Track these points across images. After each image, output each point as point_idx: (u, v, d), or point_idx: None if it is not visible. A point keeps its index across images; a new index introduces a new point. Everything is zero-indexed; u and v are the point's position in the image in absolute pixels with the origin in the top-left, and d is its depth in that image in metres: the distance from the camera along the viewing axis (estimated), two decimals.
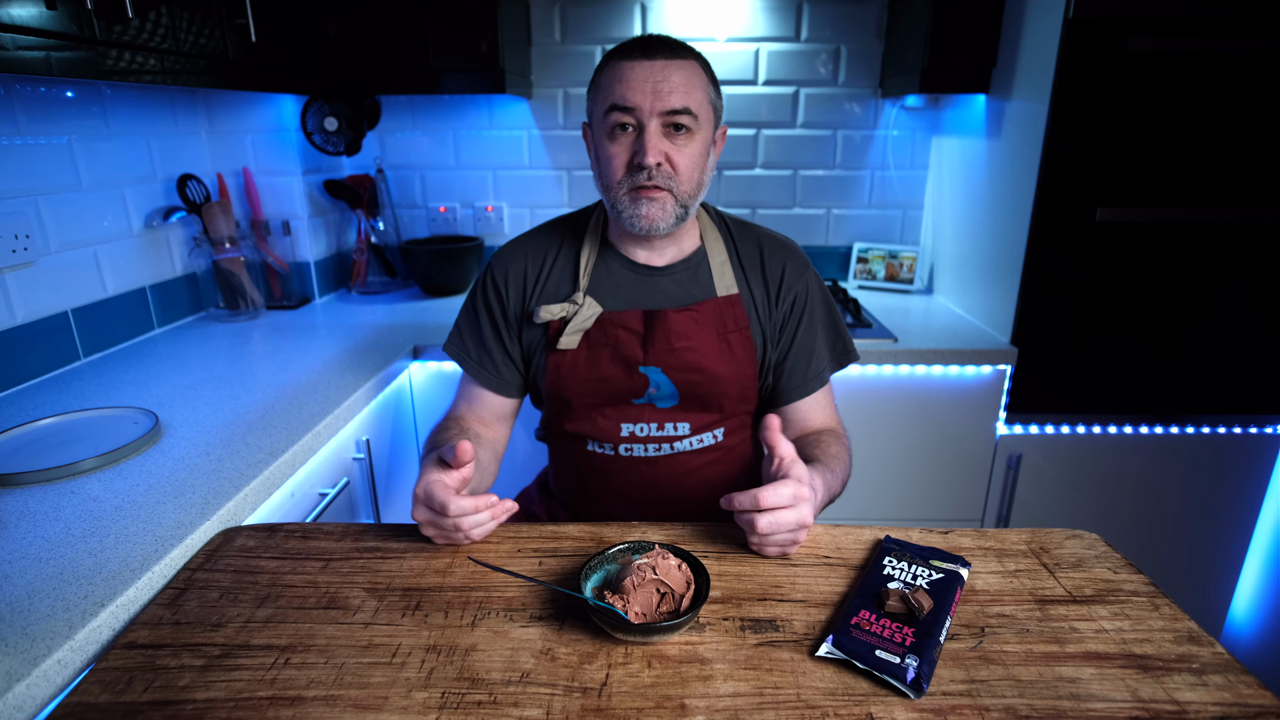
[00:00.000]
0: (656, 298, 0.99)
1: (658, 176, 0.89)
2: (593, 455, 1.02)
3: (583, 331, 0.97)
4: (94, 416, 1.09)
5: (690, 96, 0.88)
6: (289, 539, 0.81)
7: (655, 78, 0.87)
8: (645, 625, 0.64)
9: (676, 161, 0.90)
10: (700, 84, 0.90)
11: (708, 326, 0.97)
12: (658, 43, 0.89)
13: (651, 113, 0.88)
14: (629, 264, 1.00)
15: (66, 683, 0.62)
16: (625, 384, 0.97)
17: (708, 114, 0.92)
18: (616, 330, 0.97)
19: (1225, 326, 1.54)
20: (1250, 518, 1.71)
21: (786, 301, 1.01)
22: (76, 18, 1.00)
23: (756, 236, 1.03)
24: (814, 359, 1.02)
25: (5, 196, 1.21)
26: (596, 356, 0.97)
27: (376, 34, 1.64)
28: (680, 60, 0.89)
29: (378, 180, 1.99)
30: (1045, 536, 0.83)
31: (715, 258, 1.01)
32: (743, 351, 0.99)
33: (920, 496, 1.70)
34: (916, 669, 0.59)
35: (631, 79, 0.88)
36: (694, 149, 0.91)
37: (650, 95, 0.87)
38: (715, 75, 0.95)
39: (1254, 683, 0.61)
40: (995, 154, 1.66)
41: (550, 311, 0.97)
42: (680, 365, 0.96)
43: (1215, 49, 1.35)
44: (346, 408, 1.18)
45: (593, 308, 0.97)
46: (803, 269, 1.02)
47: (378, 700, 0.58)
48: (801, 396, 1.02)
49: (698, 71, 0.91)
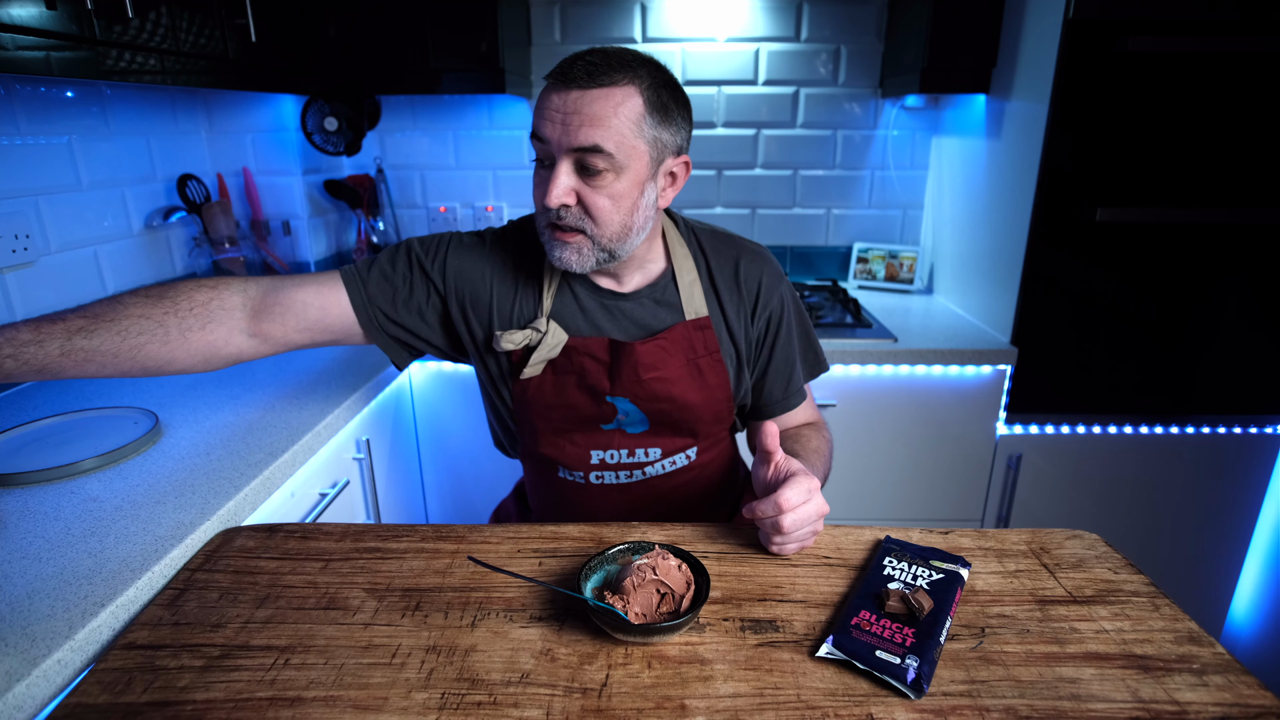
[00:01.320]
0: (624, 323, 0.94)
1: (567, 217, 0.82)
2: (564, 483, 1.00)
3: (548, 361, 0.92)
4: (94, 416, 1.09)
5: (606, 133, 0.78)
6: (289, 539, 0.81)
7: (567, 109, 0.78)
8: (645, 626, 0.64)
9: (589, 203, 0.81)
10: (630, 116, 0.79)
11: (677, 354, 0.92)
12: (583, 66, 0.78)
13: (560, 148, 0.79)
14: (593, 289, 0.94)
15: (66, 683, 0.62)
16: (592, 411, 0.94)
17: (637, 150, 0.80)
18: (582, 358, 0.92)
19: (1225, 326, 1.54)
20: (1250, 518, 1.71)
21: (762, 319, 0.97)
22: (76, 18, 1.00)
23: (733, 251, 0.97)
24: (794, 375, 1.01)
25: (5, 196, 1.21)
26: (563, 383, 0.93)
27: (376, 34, 1.64)
28: (604, 89, 0.78)
29: (378, 180, 1.99)
30: (1045, 537, 0.83)
31: (684, 278, 0.94)
32: (714, 376, 0.94)
33: (920, 496, 1.70)
34: (917, 669, 0.59)
35: (546, 108, 0.80)
36: (616, 189, 0.81)
37: (559, 128, 0.78)
38: (667, 100, 0.82)
39: (1254, 683, 0.61)
40: (995, 154, 1.66)
41: (512, 339, 0.91)
42: (649, 395, 0.92)
43: (1215, 49, 1.35)
44: (346, 407, 1.18)
45: (558, 334, 0.91)
46: (777, 283, 0.97)
47: (378, 701, 0.58)
48: (782, 411, 1.01)
49: (629, 100, 0.79)
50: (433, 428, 1.67)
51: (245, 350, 0.91)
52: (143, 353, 0.83)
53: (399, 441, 1.53)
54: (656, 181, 0.85)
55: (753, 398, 1.02)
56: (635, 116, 0.79)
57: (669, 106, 0.83)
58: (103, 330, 0.80)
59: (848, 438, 1.64)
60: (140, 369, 0.84)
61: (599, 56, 0.79)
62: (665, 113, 0.82)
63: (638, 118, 0.80)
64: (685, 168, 0.89)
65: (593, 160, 0.79)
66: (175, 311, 0.85)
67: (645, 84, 0.80)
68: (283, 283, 0.92)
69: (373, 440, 1.33)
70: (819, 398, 1.60)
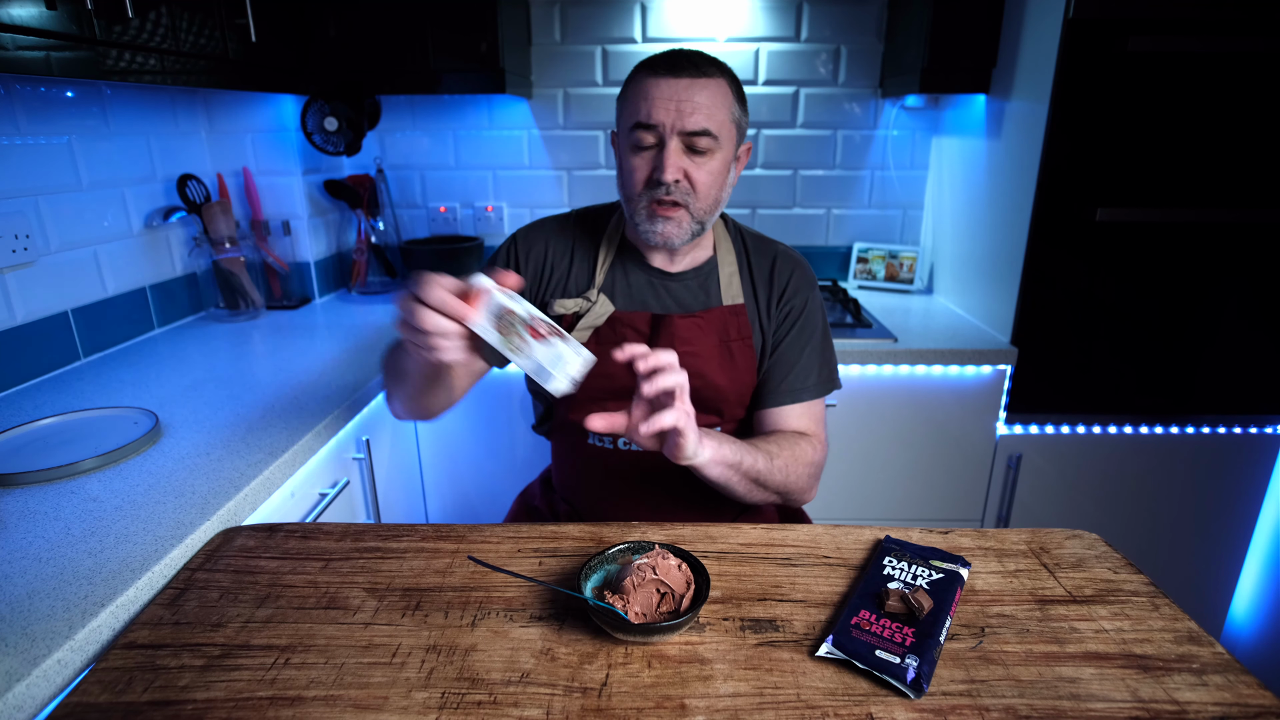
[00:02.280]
0: (666, 301, 1.02)
1: (675, 192, 0.91)
2: (593, 449, 1.04)
3: (594, 328, 1.00)
4: (94, 416, 1.09)
5: (712, 117, 0.89)
6: (289, 539, 0.81)
7: (679, 96, 0.88)
8: (645, 625, 0.64)
9: (695, 178, 0.91)
10: (725, 103, 0.91)
11: (711, 334, 1.00)
12: (686, 59, 0.90)
13: (672, 131, 0.89)
14: (644, 267, 1.03)
15: (66, 683, 0.62)
16: (627, 382, 0.97)
17: (729, 133, 0.92)
18: (625, 329, 1.00)
19: (1225, 326, 1.54)
20: (1250, 518, 1.71)
21: (782, 311, 1.03)
22: (76, 18, 1.00)
23: (773, 252, 1.05)
24: (792, 372, 1.02)
25: (5, 196, 1.21)
26: (604, 353, 0.97)
27: (376, 34, 1.64)
28: (706, 79, 0.89)
29: (378, 180, 1.99)
30: (1045, 536, 0.83)
31: (725, 269, 1.03)
32: (743, 360, 1.01)
33: (920, 496, 1.70)
34: (916, 669, 0.59)
35: (656, 96, 0.89)
36: (713, 166, 0.92)
37: (673, 113, 0.88)
38: (743, 91, 0.96)
39: (1254, 683, 0.61)
40: (995, 154, 1.66)
41: (565, 306, 1.01)
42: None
43: (1215, 49, 1.35)
44: (346, 408, 1.18)
45: (605, 306, 1.00)
46: (805, 286, 1.04)
47: (378, 700, 0.58)
48: (774, 405, 1.02)
49: (724, 90, 0.91)
50: (433, 428, 1.67)
51: (454, 401, 1.03)
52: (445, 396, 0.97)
53: (399, 441, 1.54)
54: (735, 162, 0.97)
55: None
56: (729, 104, 0.92)
57: (744, 98, 0.96)
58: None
59: (848, 438, 1.64)
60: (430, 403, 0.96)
61: (693, 53, 0.91)
62: (743, 103, 0.96)
63: (730, 104, 0.92)
64: (747, 152, 1.00)
65: (700, 141, 0.90)
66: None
67: (729, 77, 0.93)
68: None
69: (373, 440, 1.33)
70: None
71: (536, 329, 0.71)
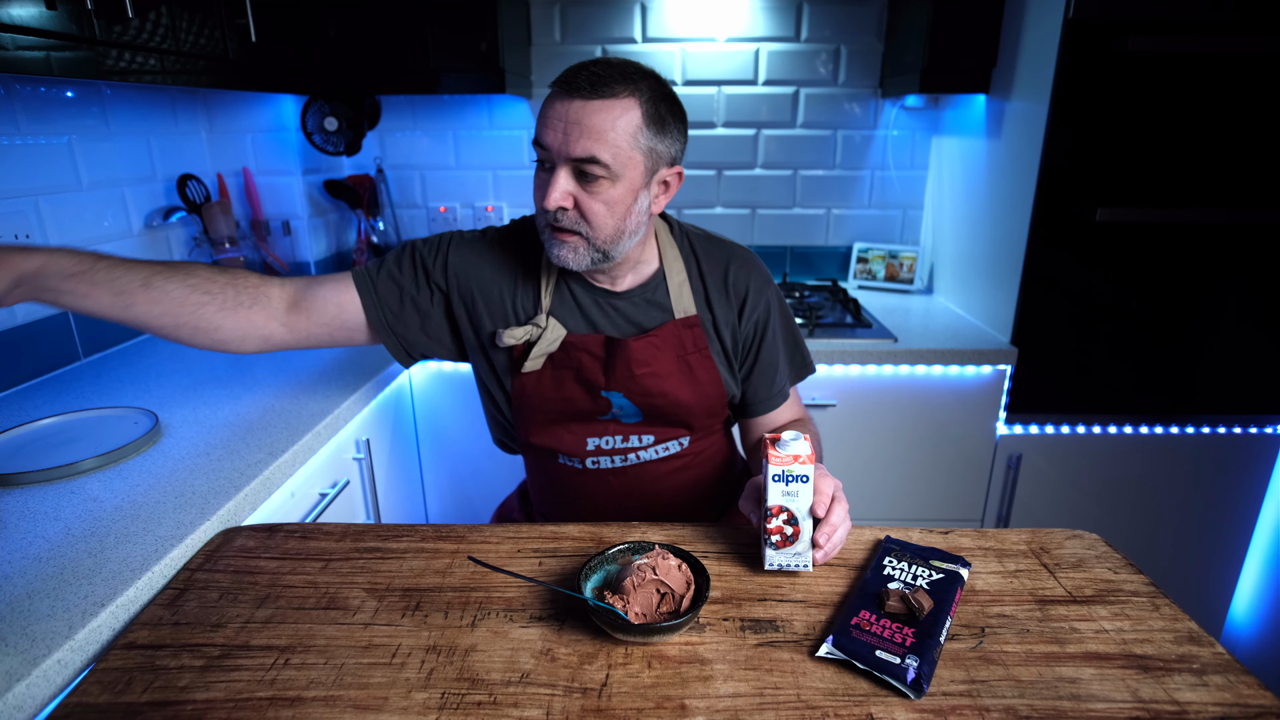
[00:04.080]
0: (618, 320, 0.97)
1: (564, 220, 0.85)
2: (563, 468, 1.03)
3: (547, 355, 0.96)
4: (94, 416, 1.09)
5: (603, 144, 0.81)
6: (289, 539, 0.81)
7: (570, 119, 0.81)
8: (645, 625, 0.64)
9: (585, 208, 0.84)
10: (627, 128, 0.82)
11: (668, 351, 0.96)
12: (588, 77, 0.81)
13: (560, 155, 0.83)
14: (588, 287, 0.97)
15: (66, 683, 0.62)
16: (588, 405, 0.97)
17: (633, 160, 0.83)
18: (579, 354, 0.95)
19: (1225, 326, 1.54)
20: (1250, 518, 1.71)
21: (750, 322, 1.00)
22: (76, 18, 1.00)
23: (724, 255, 1.00)
24: (777, 375, 1.03)
25: (5, 196, 1.21)
26: (561, 378, 0.97)
27: (376, 34, 1.64)
28: (605, 100, 0.81)
29: (378, 180, 1.99)
30: (1045, 536, 0.83)
31: (673, 279, 0.98)
32: (704, 373, 0.98)
33: (920, 496, 1.70)
34: (916, 669, 0.59)
35: (550, 115, 0.83)
36: (610, 196, 0.84)
37: (560, 138, 0.82)
38: (664, 114, 0.85)
39: (1254, 683, 0.61)
40: (995, 154, 1.66)
41: (514, 335, 0.95)
42: (642, 390, 0.95)
43: (1215, 49, 1.35)
44: (346, 408, 1.18)
45: (557, 330, 0.95)
46: (764, 287, 1.00)
47: (378, 700, 0.58)
48: (767, 410, 1.04)
49: (628, 113, 0.82)
50: (433, 428, 1.67)
51: (274, 336, 0.96)
52: (201, 311, 0.90)
53: (399, 441, 1.54)
54: (650, 189, 0.88)
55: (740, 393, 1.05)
56: (633, 129, 0.82)
57: (665, 119, 0.86)
58: (178, 279, 0.89)
59: (848, 438, 1.64)
60: (190, 328, 0.91)
61: (603, 68, 0.82)
62: (661, 125, 0.85)
63: (635, 130, 0.83)
64: (678, 177, 0.92)
65: (590, 169, 0.82)
66: (233, 286, 0.93)
67: (645, 97, 0.83)
68: (312, 281, 0.99)
69: (373, 440, 1.33)
70: (819, 398, 1.60)
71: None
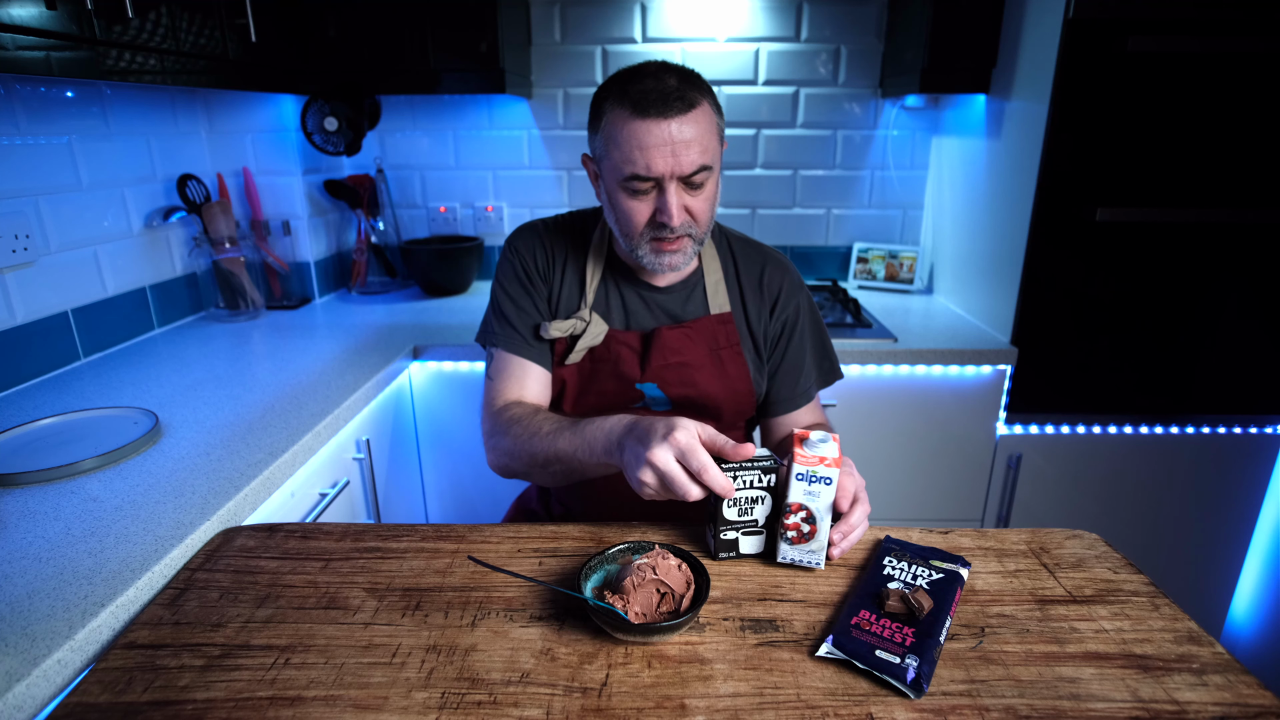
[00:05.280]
0: (656, 313, 1.02)
1: (679, 229, 0.90)
2: None
3: (590, 348, 1.00)
4: (94, 416, 1.09)
5: (706, 152, 0.87)
6: (289, 539, 0.81)
7: (674, 141, 0.84)
8: (645, 625, 0.64)
9: (695, 210, 0.90)
10: (712, 127, 0.88)
11: (700, 343, 1.00)
12: (670, 96, 0.83)
13: (672, 177, 0.86)
14: (633, 282, 1.02)
15: (66, 683, 0.62)
16: (622, 396, 1.01)
17: (719, 152, 0.91)
18: (620, 347, 1.00)
19: (1225, 326, 1.54)
20: (1250, 518, 1.71)
21: (778, 321, 1.04)
22: (76, 18, 1.00)
23: (762, 260, 1.05)
24: (801, 376, 1.05)
25: (5, 196, 1.21)
26: (599, 370, 1.00)
27: (376, 34, 1.64)
28: (693, 111, 0.85)
29: (378, 180, 1.99)
30: (1045, 536, 0.83)
31: (710, 277, 1.03)
32: (734, 368, 1.01)
33: (920, 496, 1.70)
34: (916, 669, 0.59)
35: (650, 145, 0.84)
36: (710, 191, 0.91)
37: (670, 161, 0.85)
38: (718, 101, 0.92)
39: (1254, 683, 0.61)
40: (995, 154, 1.66)
41: (560, 328, 0.99)
42: (675, 381, 0.99)
43: (1215, 49, 1.35)
44: (346, 408, 1.18)
45: (600, 325, 0.99)
46: (796, 291, 1.05)
47: (378, 700, 0.58)
48: (788, 410, 1.06)
49: (708, 114, 0.88)
50: (433, 428, 1.67)
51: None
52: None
53: (399, 441, 1.54)
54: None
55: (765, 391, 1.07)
56: (715, 126, 0.89)
57: (719, 105, 0.92)
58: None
59: (848, 438, 1.64)
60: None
61: (674, 80, 0.85)
62: (720, 111, 0.92)
63: (715, 125, 0.90)
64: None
65: (698, 177, 0.88)
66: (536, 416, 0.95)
67: (706, 90, 0.89)
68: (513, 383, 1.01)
69: (373, 440, 1.33)
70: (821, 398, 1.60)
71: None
